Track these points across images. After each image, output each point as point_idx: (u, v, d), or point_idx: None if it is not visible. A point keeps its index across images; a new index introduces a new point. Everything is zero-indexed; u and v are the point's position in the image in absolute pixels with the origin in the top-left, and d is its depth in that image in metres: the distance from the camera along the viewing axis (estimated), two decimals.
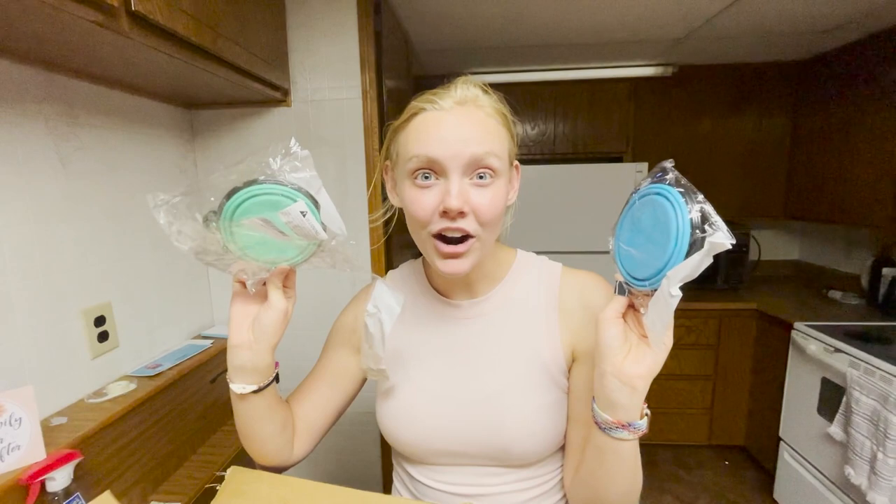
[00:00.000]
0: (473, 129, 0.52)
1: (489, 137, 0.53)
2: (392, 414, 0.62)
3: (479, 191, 0.53)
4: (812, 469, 1.77)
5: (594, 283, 0.62)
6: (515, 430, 0.57)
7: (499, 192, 0.54)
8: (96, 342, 0.94)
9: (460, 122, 0.52)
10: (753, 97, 2.31)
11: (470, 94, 0.55)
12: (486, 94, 0.56)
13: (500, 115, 0.56)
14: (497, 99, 0.57)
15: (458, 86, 0.56)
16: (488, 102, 0.55)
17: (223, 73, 0.93)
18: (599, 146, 2.41)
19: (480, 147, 0.52)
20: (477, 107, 0.54)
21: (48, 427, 0.78)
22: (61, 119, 0.87)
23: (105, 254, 0.98)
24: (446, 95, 0.54)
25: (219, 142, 1.29)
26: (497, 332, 0.61)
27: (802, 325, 1.83)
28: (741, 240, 2.35)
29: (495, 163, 0.53)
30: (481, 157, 0.52)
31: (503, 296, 0.63)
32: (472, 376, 0.60)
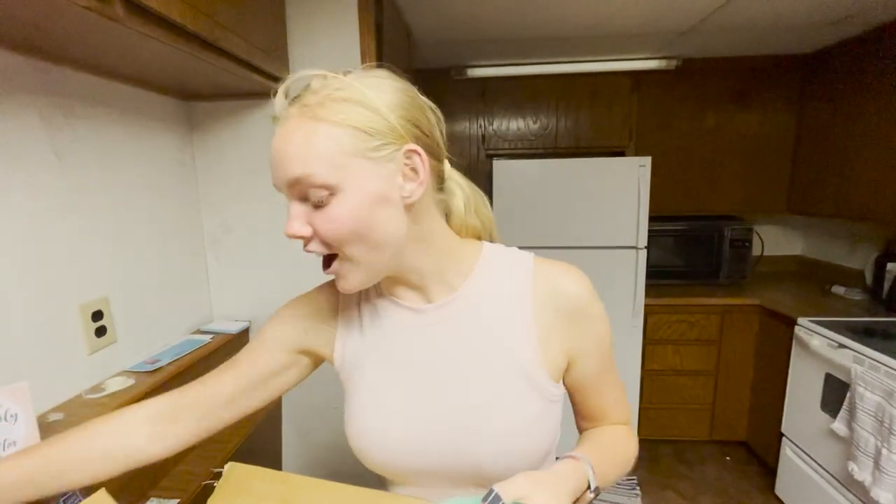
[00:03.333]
0: (284, 148, 0.46)
1: (303, 154, 0.45)
2: (362, 436, 0.57)
3: (317, 213, 0.46)
4: (815, 465, 1.76)
5: (571, 276, 0.55)
6: (489, 451, 0.52)
7: (339, 212, 0.45)
8: (94, 337, 0.93)
9: (276, 142, 0.47)
10: (758, 91, 2.28)
11: (291, 108, 0.47)
12: (314, 91, 0.47)
13: (335, 112, 0.45)
14: (336, 96, 0.46)
15: (281, 87, 0.49)
16: (316, 105, 0.46)
17: (221, 63, 0.91)
18: (602, 140, 2.39)
19: (290, 169, 0.45)
20: (300, 117, 0.46)
21: (45, 423, 0.77)
22: (56, 110, 0.86)
23: (102, 248, 0.97)
24: (278, 112, 0.48)
25: (217, 134, 1.28)
26: (465, 339, 0.55)
27: (806, 321, 1.81)
28: (744, 235, 2.34)
29: (316, 180, 0.44)
30: (294, 179, 0.45)
31: (468, 297, 0.55)
32: (443, 392, 0.54)
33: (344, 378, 0.61)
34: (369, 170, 0.46)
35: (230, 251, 1.34)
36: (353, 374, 0.60)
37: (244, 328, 1.33)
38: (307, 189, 0.46)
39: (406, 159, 0.48)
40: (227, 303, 1.37)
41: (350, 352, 0.60)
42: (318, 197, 0.45)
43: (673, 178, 2.36)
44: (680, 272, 2.44)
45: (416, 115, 0.49)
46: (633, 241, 2.11)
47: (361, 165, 0.46)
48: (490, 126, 2.41)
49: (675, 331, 2.25)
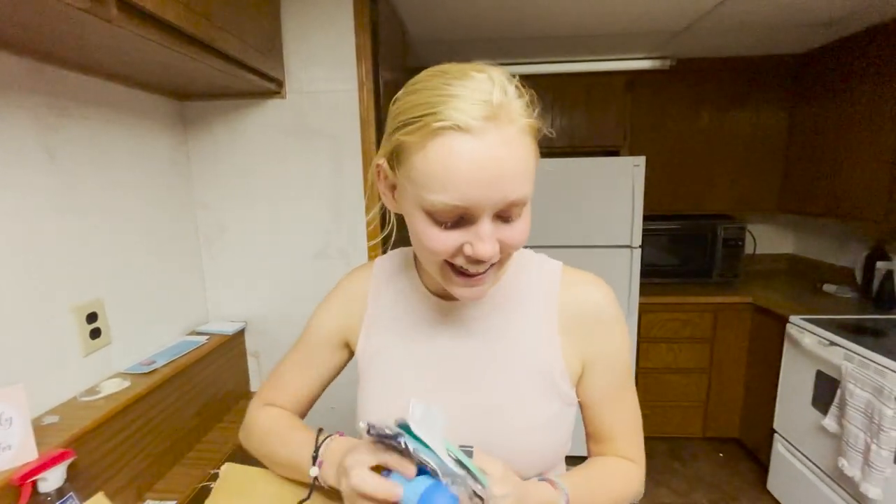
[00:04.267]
0: (510, 163, 0.41)
1: (527, 172, 0.43)
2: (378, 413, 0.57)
3: (507, 227, 0.45)
4: (806, 461, 1.78)
5: (596, 286, 0.56)
6: (511, 448, 0.52)
7: (525, 220, 0.46)
8: (88, 339, 0.92)
9: (495, 153, 0.40)
10: (751, 91, 2.30)
11: (503, 98, 0.41)
12: (518, 96, 0.43)
13: (530, 127, 0.44)
14: (526, 97, 0.44)
15: (486, 82, 0.42)
16: (520, 107, 0.43)
17: (216, 63, 0.90)
18: (596, 140, 2.40)
19: (518, 190, 0.42)
20: (510, 120, 0.41)
21: (40, 426, 0.77)
22: (49, 110, 0.85)
23: (96, 249, 0.96)
24: (473, 101, 0.40)
25: (212, 134, 1.27)
26: (494, 337, 0.56)
27: (797, 319, 1.84)
28: (736, 234, 2.36)
29: (527, 197, 0.44)
30: (517, 201, 0.43)
31: (500, 296, 0.57)
32: (468, 388, 0.55)
33: (363, 366, 0.62)
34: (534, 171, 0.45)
35: (225, 251, 1.33)
36: (372, 362, 0.60)
37: (240, 329, 1.33)
38: (515, 207, 0.44)
39: None
40: (223, 303, 1.36)
41: (374, 341, 0.61)
42: (517, 213, 0.45)
43: (667, 178, 2.38)
44: (674, 271, 2.46)
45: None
46: (627, 240, 2.12)
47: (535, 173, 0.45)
48: None
49: (669, 329, 2.27)
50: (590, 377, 0.57)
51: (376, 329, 0.61)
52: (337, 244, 1.31)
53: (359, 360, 0.63)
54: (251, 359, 1.39)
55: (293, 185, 1.28)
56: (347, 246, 1.30)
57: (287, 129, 1.25)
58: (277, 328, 1.36)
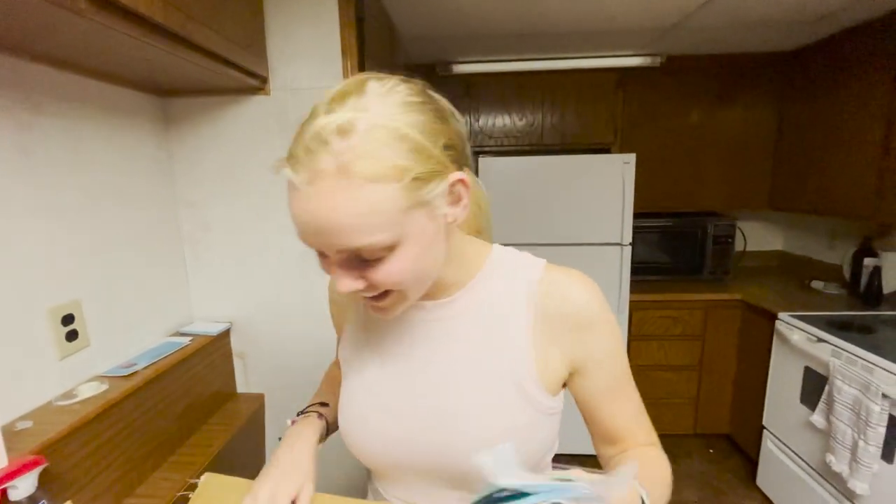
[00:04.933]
0: (328, 218, 0.39)
1: (357, 226, 0.39)
2: (349, 422, 0.58)
3: (372, 269, 0.43)
4: (794, 457, 1.80)
5: (579, 284, 0.53)
6: (469, 455, 0.50)
7: (400, 265, 0.43)
8: (64, 341, 0.90)
9: (312, 209, 0.39)
10: (741, 88, 2.31)
11: (324, 163, 0.38)
12: (344, 135, 0.38)
13: (382, 166, 0.39)
14: (377, 144, 0.39)
15: (307, 144, 0.39)
16: (352, 157, 0.38)
17: (195, 58, 0.88)
18: (587, 137, 2.39)
19: (344, 242, 0.40)
20: (342, 179, 0.38)
21: (12, 432, 0.75)
22: (22, 107, 0.82)
23: (75, 248, 0.94)
24: (300, 161, 0.40)
25: (195, 131, 1.24)
26: (461, 341, 0.54)
27: (786, 316, 1.84)
28: (727, 231, 2.37)
29: (375, 245, 0.41)
30: (356, 251, 0.41)
31: (472, 299, 0.54)
32: (430, 390, 0.54)
33: (343, 365, 0.64)
34: (425, 215, 0.43)
35: (210, 250, 1.31)
36: (350, 361, 0.61)
37: (225, 329, 1.30)
38: (361, 253, 0.42)
39: (451, 188, 0.45)
40: (207, 303, 1.34)
41: (352, 340, 0.62)
42: (376, 257, 0.42)
43: (657, 175, 2.38)
44: (664, 268, 2.46)
45: (450, 134, 0.45)
46: (618, 238, 2.12)
47: (418, 214, 0.42)
48: (476, 123, 2.40)
49: (660, 326, 2.27)
50: (582, 380, 0.55)
51: (352, 332, 0.63)
52: None
53: (340, 358, 0.65)
54: (237, 359, 1.37)
55: (278, 182, 1.26)
56: None
57: (271, 126, 1.23)
58: (264, 328, 1.34)
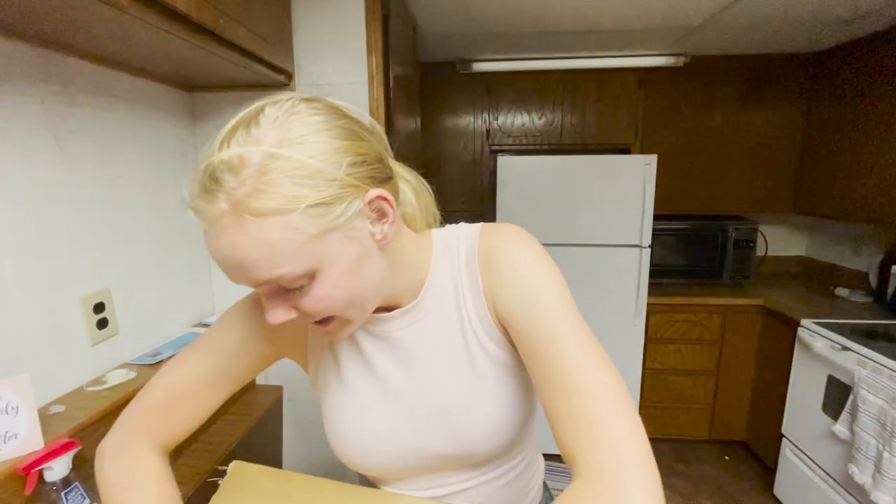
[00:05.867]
0: (236, 259, 0.39)
1: (264, 262, 0.39)
2: (348, 445, 0.57)
3: (300, 296, 0.43)
4: (814, 466, 1.76)
5: (507, 233, 0.51)
6: (480, 434, 0.53)
7: (323, 291, 0.42)
8: (95, 329, 0.92)
9: (220, 249, 0.40)
10: (766, 89, 2.26)
11: (220, 202, 0.38)
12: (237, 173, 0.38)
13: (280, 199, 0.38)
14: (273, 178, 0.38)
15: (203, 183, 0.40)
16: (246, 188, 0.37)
17: (225, 53, 0.89)
18: (607, 137, 2.37)
19: (256, 277, 0.40)
20: (238, 219, 0.38)
21: (46, 415, 0.77)
22: (58, 99, 0.85)
23: (104, 239, 0.96)
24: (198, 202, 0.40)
25: (220, 125, 1.25)
26: (436, 336, 0.54)
27: (809, 322, 1.81)
28: (748, 235, 2.32)
29: (291, 276, 0.40)
30: (270, 281, 0.41)
31: (433, 295, 0.54)
32: (422, 391, 0.54)
33: (318, 388, 0.61)
34: (341, 238, 0.42)
35: None
36: (327, 386, 0.59)
37: None
38: (281, 286, 0.42)
39: (370, 206, 0.43)
40: (229, 296, 1.36)
41: (323, 366, 0.60)
42: (297, 286, 0.42)
43: (678, 177, 2.35)
44: (683, 271, 2.43)
45: (359, 151, 0.43)
46: (637, 240, 2.10)
47: (332, 239, 0.41)
48: (495, 121, 2.39)
49: (677, 330, 2.25)
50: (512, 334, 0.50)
51: (322, 356, 0.60)
52: None
53: (315, 387, 0.62)
54: None
55: None
56: None
57: None
58: None
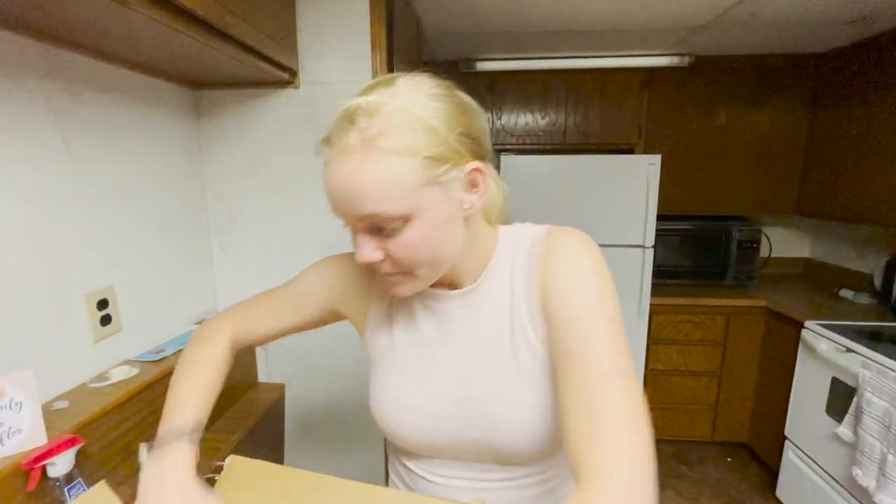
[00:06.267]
0: (353, 185, 0.45)
1: (375, 191, 0.44)
2: (384, 407, 0.60)
3: (390, 241, 0.47)
4: (818, 469, 1.75)
5: (563, 238, 0.54)
6: (510, 432, 0.53)
7: (413, 238, 0.47)
8: (99, 326, 0.93)
9: (339, 178, 0.45)
10: (772, 90, 2.25)
11: (352, 139, 0.44)
12: (370, 116, 0.44)
13: (402, 142, 0.44)
14: (400, 125, 0.44)
15: (339, 124, 0.46)
16: (374, 133, 0.44)
17: (230, 50, 0.89)
18: (611, 137, 2.36)
19: (363, 206, 0.45)
20: (366, 151, 0.44)
21: (49, 411, 0.77)
22: (64, 96, 0.85)
23: (108, 236, 0.96)
24: (332, 139, 0.46)
25: (225, 123, 1.26)
26: (488, 324, 0.56)
27: (813, 324, 1.80)
28: (752, 236, 2.31)
29: (392, 213, 0.45)
30: (367, 216, 0.46)
31: (491, 282, 0.57)
32: (464, 373, 0.56)
33: (370, 349, 0.65)
34: (439, 194, 0.47)
35: (235, 241, 1.33)
36: (378, 348, 0.63)
37: None
38: (380, 222, 0.46)
39: (467, 176, 0.49)
40: (232, 293, 1.36)
41: (380, 329, 0.63)
42: (392, 227, 0.46)
43: (682, 177, 2.34)
44: (686, 272, 2.42)
45: (468, 125, 0.49)
46: (640, 240, 2.09)
47: (432, 192, 0.46)
48: (498, 120, 2.39)
49: (680, 331, 2.24)
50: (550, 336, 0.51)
51: (379, 323, 0.64)
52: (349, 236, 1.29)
53: (365, 345, 0.66)
54: (259, 350, 1.39)
55: (306, 175, 1.28)
56: None
57: (300, 119, 1.24)
58: None
